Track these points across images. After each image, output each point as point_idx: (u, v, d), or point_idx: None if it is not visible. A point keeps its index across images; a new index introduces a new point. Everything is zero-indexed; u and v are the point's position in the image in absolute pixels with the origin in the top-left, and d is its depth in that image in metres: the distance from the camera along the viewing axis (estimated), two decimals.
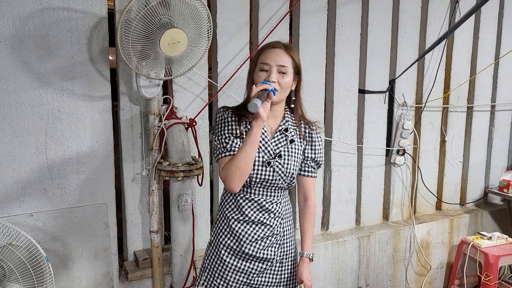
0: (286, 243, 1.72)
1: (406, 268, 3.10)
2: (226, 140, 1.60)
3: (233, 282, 1.68)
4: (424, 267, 3.15)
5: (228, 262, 1.67)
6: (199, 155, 2.29)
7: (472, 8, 2.67)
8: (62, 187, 2.08)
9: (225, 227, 1.68)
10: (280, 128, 1.65)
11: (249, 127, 1.61)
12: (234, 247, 1.65)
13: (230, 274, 1.67)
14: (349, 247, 2.85)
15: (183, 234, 2.17)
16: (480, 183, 3.44)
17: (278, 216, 1.67)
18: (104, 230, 2.18)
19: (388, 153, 3.01)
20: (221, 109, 1.66)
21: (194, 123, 2.25)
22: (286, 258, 1.73)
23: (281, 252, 1.70)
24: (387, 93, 2.91)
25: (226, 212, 1.68)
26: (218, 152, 1.61)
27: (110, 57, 2.19)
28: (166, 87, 2.26)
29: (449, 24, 3.00)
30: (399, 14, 2.86)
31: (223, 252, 1.67)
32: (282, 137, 1.65)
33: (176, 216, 2.15)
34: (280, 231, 1.68)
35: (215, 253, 1.70)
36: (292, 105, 1.68)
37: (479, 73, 3.22)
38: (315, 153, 1.72)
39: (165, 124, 2.13)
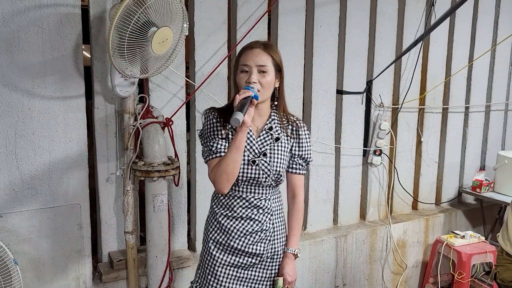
0: (277, 239, 1.73)
1: (383, 267, 3.13)
2: (212, 143, 1.64)
3: (223, 277, 1.70)
4: (400, 266, 3.20)
5: (217, 257, 1.69)
6: (176, 155, 2.26)
7: (447, 11, 2.73)
8: (33, 187, 2.02)
9: (214, 222, 1.72)
10: (265, 127, 1.68)
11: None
12: (223, 242, 1.68)
13: (219, 269, 1.69)
14: (326, 247, 2.86)
15: (158, 235, 2.14)
16: (454, 183, 3.51)
17: (267, 212, 1.69)
18: (77, 231, 2.13)
19: (365, 153, 3.04)
20: (207, 111, 1.69)
21: (170, 123, 2.23)
22: (277, 254, 1.74)
23: (271, 248, 1.72)
24: (365, 94, 2.94)
25: (215, 208, 1.73)
26: (206, 154, 1.66)
27: (86, 54, 2.15)
28: (142, 86, 2.23)
29: (425, 26, 3.05)
30: (376, 15, 2.89)
31: (212, 247, 1.70)
32: (267, 136, 1.67)
33: (152, 216, 2.12)
34: (269, 227, 1.70)
35: (205, 249, 1.74)
36: (276, 103, 1.72)
37: (453, 75, 3.29)
38: (302, 150, 1.73)
39: (140, 123, 2.09)
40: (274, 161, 1.65)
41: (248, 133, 1.64)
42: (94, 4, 2.06)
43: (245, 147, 1.63)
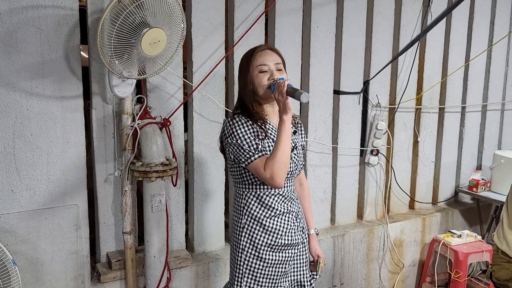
0: (304, 225, 1.88)
1: (380, 267, 3.15)
2: (255, 142, 1.65)
3: (276, 276, 1.76)
4: (397, 265, 3.21)
5: (269, 259, 1.73)
6: (174, 155, 2.27)
7: (443, 11, 2.74)
8: (31, 188, 2.03)
9: (257, 227, 1.73)
10: None
11: (268, 126, 1.72)
12: (272, 243, 1.73)
13: (272, 269, 1.75)
14: (324, 246, 2.87)
15: (156, 235, 2.15)
16: (451, 183, 3.53)
17: (296, 201, 1.82)
18: (75, 231, 2.14)
19: (362, 153, 3.05)
20: (234, 116, 1.69)
21: (168, 123, 2.23)
22: (306, 238, 1.88)
23: (304, 233, 1.85)
24: (362, 94, 2.95)
25: (254, 213, 1.73)
26: (248, 155, 1.64)
27: (83, 55, 2.15)
28: (140, 86, 2.23)
29: (422, 27, 3.07)
30: (373, 16, 2.91)
31: (262, 252, 1.72)
32: None
33: (150, 217, 2.13)
34: (300, 215, 1.84)
35: (253, 256, 1.73)
36: None
37: (450, 75, 3.30)
38: (304, 140, 1.90)
39: (138, 124, 2.10)
40: (300, 152, 1.80)
41: (274, 130, 1.74)
42: (92, 5, 2.07)
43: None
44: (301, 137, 1.88)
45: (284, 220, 1.75)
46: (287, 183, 1.76)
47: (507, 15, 3.51)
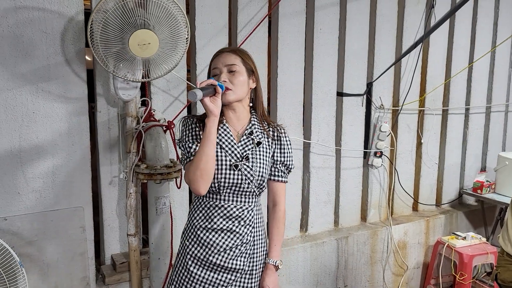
0: (257, 253, 1.66)
1: (384, 269, 3.14)
2: (190, 145, 1.58)
3: None
4: (401, 267, 3.21)
5: (195, 274, 1.60)
6: (178, 157, 2.28)
7: (447, 13, 2.74)
8: (37, 190, 2.04)
9: (192, 236, 1.62)
10: (245, 131, 1.63)
11: (220, 131, 1.60)
12: (201, 257, 1.60)
13: (197, 286, 1.61)
14: (327, 249, 2.88)
15: (161, 237, 2.16)
16: (455, 185, 3.52)
17: (248, 224, 1.61)
18: (80, 233, 2.15)
19: (365, 155, 3.05)
20: (185, 117, 1.65)
21: (172, 126, 2.24)
22: (255, 269, 1.66)
23: (250, 262, 1.64)
24: (365, 96, 2.96)
25: (194, 221, 1.63)
26: (184, 157, 1.60)
27: (88, 58, 2.16)
28: (144, 89, 2.25)
29: (425, 28, 3.07)
30: (376, 18, 2.91)
31: (189, 262, 1.61)
32: (248, 140, 1.62)
33: (154, 219, 2.14)
34: (250, 240, 1.62)
35: (182, 264, 1.64)
36: (251, 104, 1.67)
37: (453, 77, 3.30)
38: (284, 156, 1.68)
39: (143, 126, 2.12)
40: (256, 165, 1.60)
41: (229, 137, 1.60)
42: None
43: (227, 151, 1.58)
44: (280, 152, 1.67)
45: (223, 238, 1.58)
46: (236, 198, 1.59)
47: (510, 17, 3.51)
